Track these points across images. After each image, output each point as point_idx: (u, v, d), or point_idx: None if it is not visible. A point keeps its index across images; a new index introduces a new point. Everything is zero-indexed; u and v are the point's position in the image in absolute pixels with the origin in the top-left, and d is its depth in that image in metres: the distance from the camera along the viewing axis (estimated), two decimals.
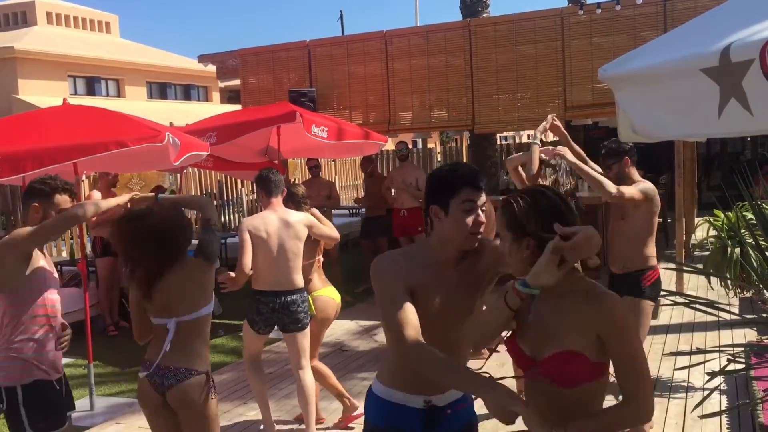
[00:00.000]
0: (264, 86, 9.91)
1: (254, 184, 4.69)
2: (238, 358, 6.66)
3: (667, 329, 6.65)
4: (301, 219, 4.54)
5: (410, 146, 10.36)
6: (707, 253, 5.97)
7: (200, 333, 3.17)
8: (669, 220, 11.01)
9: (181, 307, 3.09)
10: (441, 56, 8.98)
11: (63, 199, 3.27)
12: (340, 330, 7.21)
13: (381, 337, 6.99)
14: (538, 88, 8.55)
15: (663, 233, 11.19)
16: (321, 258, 4.99)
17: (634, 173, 4.31)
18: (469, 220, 2.20)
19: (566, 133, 4.47)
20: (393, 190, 8.93)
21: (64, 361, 6.97)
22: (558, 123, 4.40)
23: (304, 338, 4.51)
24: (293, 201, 4.69)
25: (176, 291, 3.08)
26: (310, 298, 4.61)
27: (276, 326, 4.51)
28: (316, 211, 4.85)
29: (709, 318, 6.56)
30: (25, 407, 3.14)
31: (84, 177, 5.36)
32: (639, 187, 4.15)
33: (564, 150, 4.16)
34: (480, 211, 2.22)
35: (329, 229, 4.71)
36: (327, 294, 4.83)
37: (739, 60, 1.71)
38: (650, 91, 2.18)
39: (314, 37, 9.86)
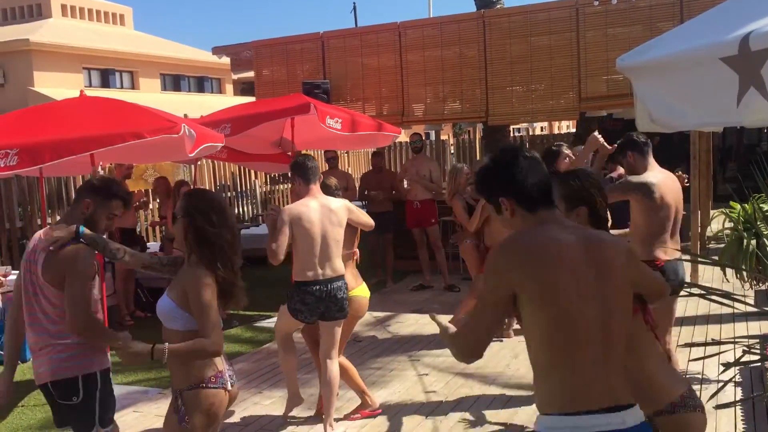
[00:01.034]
0: (278, 78, 9.93)
1: (291, 171, 4.67)
2: (252, 347, 6.72)
3: (682, 321, 6.63)
4: (342, 205, 4.56)
5: (423, 138, 10.35)
6: (723, 245, 5.93)
7: None
8: (684, 213, 10.94)
9: None
10: (455, 47, 8.96)
11: (116, 205, 3.27)
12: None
13: (394, 328, 7.03)
14: (552, 80, 8.51)
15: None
16: (357, 252, 5.00)
17: (641, 165, 4.25)
18: None
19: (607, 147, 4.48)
20: (406, 182, 8.93)
21: None
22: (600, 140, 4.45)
23: (340, 328, 4.56)
24: (328, 193, 4.69)
25: None
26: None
27: (319, 315, 4.49)
28: (346, 201, 4.86)
29: (725, 310, 6.53)
30: (101, 394, 3.15)
31: (100, 168, 5.40)
32: (624, 184, 4.15)
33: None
34: None
35: (366, 217, 4.75)
36: (361, 294, 4.80)
37: (759, 48, 1.71)
38: (668, 80, 2.18)
39: (328, 29, 9.86)
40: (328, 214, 4.44)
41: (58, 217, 10.05)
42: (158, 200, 9.52)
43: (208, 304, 2.72)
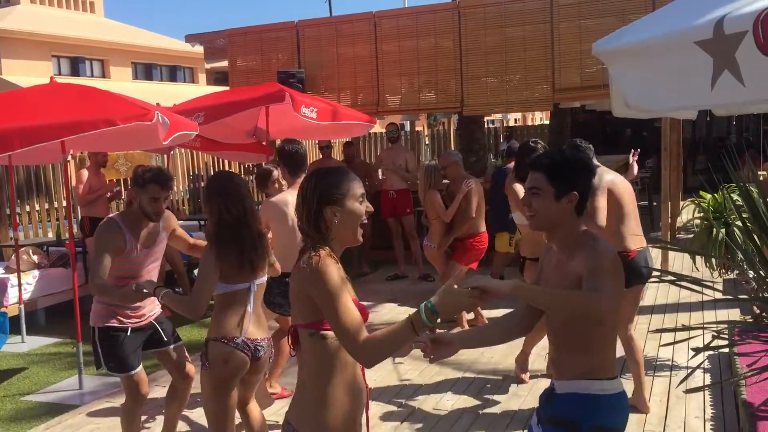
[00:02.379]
0: (252, 67, 9.85)
1: (279, 159, 4.61)
2: None
3: (652, 309, 6.74)
4: None
5: (400, 128, 10.36)
6: (691, 236, 6.04)
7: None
8: (654, 204, 11.11)
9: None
10: (430, 38, 8.96)
11: (153, 189, 3.71)
12: None
13: (373, 317, 7.05)
14: (526, 71, 8.56)
15: (648, 216, 11.30)
16: None
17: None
18: None
19: None
20: (381, 172, 8.91)
21: (52, 340, 7.00)
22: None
23: None
24: (263, 184, 4.65)
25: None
26: None
27: None
28: None
29: (694, 298, 6.66)
30: (100, 346, 3.84)
31: (70, 157, 5.32)
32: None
33: None
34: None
35: None
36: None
37: (733, 32, 1.74)
38: (643, 64, 2.20)
39: (302, 17, 9.81)
40: None
41: (27, 208, 9.89)
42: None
43: (203, 275, 3.29)
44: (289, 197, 4.41)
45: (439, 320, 1.99)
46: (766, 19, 1.65)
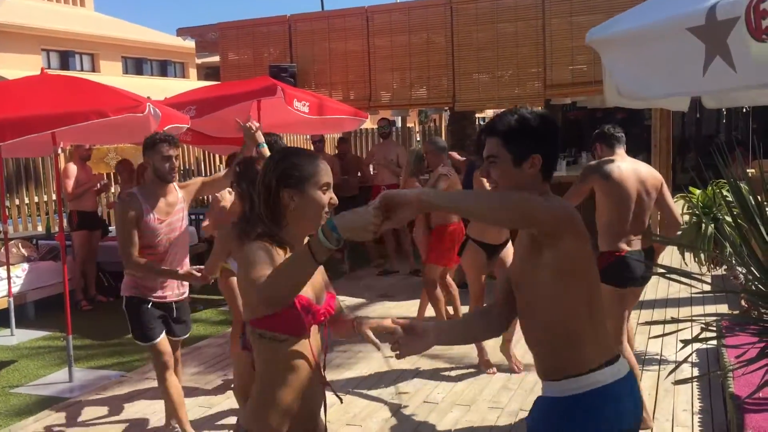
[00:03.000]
0: (244, 61, 9.83)
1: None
2: (218, 330, 6.68)
3: (642, 304, 6.76)
4: None
5: (391, 124, 10.38)
6: (680, 232, 6.09)
7: None
8: None
9: None
10: (422, 33, 8.97)
11: (163, 148, 3.95)
12: None
13: (360, 312, 7.06)
14: (518, 67, 8.59)
15: None
16: None
17: (606, 156, 4.25)
18: None
19: None
20: (372, 167, 8.90)
21: (41, 334, 6.97)
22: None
23: None
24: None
25: None
26: None
27: None
28: None
29: (683, 293, 6.71)
30: (127, 315, 4.08)
31: (60, 150, 5.30)
32: (583, 169, 4.28)
33: None
34: None
35: None
36: None
37: (725, 18, 1.75)
38: (636, 52, 2.21)
39: (294, 11, 9.79)
40: None
41: (17, 201, 9.83)
42: (119, 183, 9.33)
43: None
44: None
45: (339, 241, 1.71)
46: (758, 6, 1.68)
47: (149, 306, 4.06)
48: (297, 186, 1.98)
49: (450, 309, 6.29)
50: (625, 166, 4.12)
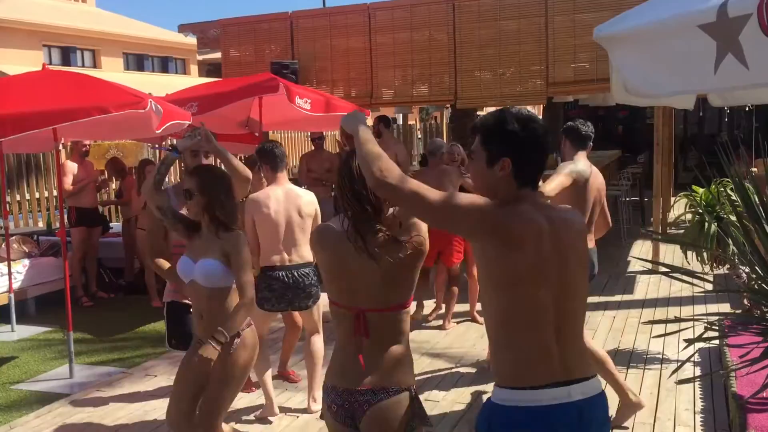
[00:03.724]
0: (245, 58, 9.80)
1: (259, 158, 4.60)
2: None
3: (643, 303, 6.77)
4: (313, 200, 4.55)
5: (391, 122, 10.34)
6: (682, 231, 6.07)
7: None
8: (646, 199, 11.15)
9: None
10: (425, 30, 8.94)
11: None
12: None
13: None
14: (520, 64, 8.57)
15: (640, 211, 11.35)
16: None
17: (568, 154, 4.23)
18: None
19: None
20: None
21: (42, 330, 6.97)
22: None
23: (318, 310, 4.59)
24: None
25: None
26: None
27: (287, 302, 4.46)
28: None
29: (684, 292, 6.70)
30: (166, 321, 4.09)
31: (61, 146, 5.28)
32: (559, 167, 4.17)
33: None
34: None
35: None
36: None
37: (737, 15, 1.73)
38: (645, 49, 2.19)
39: (296, 8, 9.77)
40: (294, 201, 4.43)
41: (18, 197, 9.82)
42: (117, 180, 9.29)
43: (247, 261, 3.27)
44: (271, 193, 4.43)
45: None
46: None
47: (190, 312, 3.77)
48: None
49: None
50: (595, 171, 4.16)
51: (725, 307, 6.21)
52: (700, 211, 5.64)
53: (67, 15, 29.08)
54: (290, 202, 4.41)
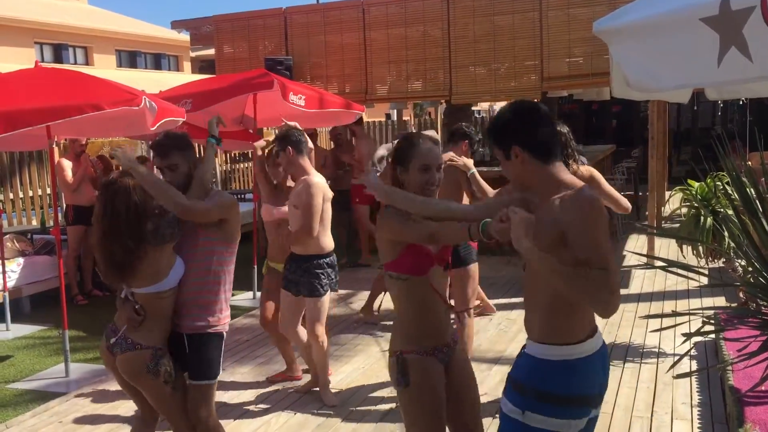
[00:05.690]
0: (239, 54, 9.78)
1: (283, 145, 4.57)
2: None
3: (639, 297, 6.79)
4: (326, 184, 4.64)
5: (385, 118, 10.32)
6: (677, 225, 6.08)
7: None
8: (640, 193, 11.18)
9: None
10: (419, 26, 8.94)
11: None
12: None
13: (358, 305, 7.04)
14: (515, 60, 8.57)
15: (634, 205, 11.36)
16: None
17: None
18: None
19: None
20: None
21: (37, 328, 6.94)
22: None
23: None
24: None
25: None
26: None
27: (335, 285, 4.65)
28: None
29: (680, 286, 6.72)
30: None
31: (54, 144, 5.25)
32: None
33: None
34: None
35: None
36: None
37: (740, 7, 1.73)
38: (647, 43, 2.18)
39: (290, 3, 9.74)
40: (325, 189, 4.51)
41: (11, 195, 9.78)
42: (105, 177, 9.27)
43: None
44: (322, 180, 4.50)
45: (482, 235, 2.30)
46: None
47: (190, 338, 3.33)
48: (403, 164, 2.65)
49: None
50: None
51: (721, 301, 6.23)
52: (696, 204, 5.65)
53: (60, 12, 28.96)
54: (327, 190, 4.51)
